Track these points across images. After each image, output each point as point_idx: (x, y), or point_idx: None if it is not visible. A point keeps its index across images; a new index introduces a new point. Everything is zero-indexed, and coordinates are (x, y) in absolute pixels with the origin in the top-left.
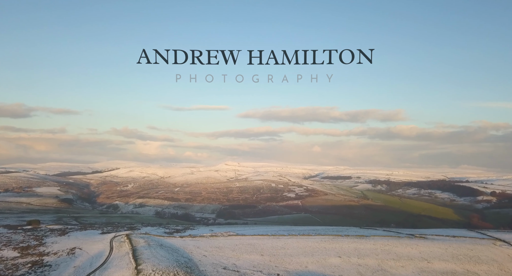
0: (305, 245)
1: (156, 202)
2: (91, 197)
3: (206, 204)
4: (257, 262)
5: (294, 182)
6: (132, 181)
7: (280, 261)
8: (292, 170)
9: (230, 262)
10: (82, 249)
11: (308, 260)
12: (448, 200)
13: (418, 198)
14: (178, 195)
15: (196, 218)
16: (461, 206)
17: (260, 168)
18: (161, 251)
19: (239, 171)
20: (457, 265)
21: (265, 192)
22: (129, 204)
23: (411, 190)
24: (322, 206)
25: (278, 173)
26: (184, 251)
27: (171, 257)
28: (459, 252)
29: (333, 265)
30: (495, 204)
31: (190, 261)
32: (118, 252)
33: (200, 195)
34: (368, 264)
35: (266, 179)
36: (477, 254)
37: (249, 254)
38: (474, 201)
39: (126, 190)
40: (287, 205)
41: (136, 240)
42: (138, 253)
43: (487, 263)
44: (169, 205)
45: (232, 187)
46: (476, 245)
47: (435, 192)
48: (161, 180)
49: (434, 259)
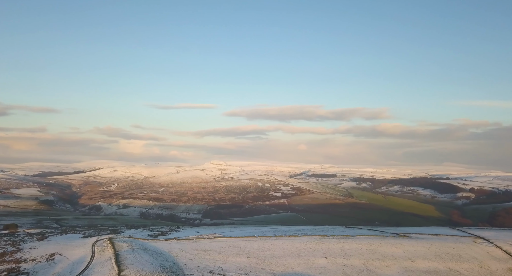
0: (291, 246)
1: (140, 202)
2: (73, 198)
3: (192, 204)
4: (244, 264)
5: (280, 180)
6: (116, 181)
7: (266, 263)
8: (279, 168)
9: (216, 266)
10: (62, 255)
11: (294, 262)
12: (430, 197)
13: (401, 195)
14: (163, 195)
15: (182, 219)
16: (442, 203)
17: (247, 167)
18: (145, 255)
19: (226, 170)
20: (440, 264)
21: (251, 191)
22: (113, 205)
23: (394, 187)
24: (308, 205)
25: (264, 171)
26: (169, 254)
27: (156, 262)
28: (442, 250)
29: (319, 266)
30: (473, 200)
31: (175, 265)
32: (100, 257)
33: (186, 195)
34: (354, 264)
35: (252, 178)
36: (458, 252)
37: (235, 256)
38: (454, 197)
39: (109, 190)
40: (274, 204)
41: (119, 244)
42: (121, 258)
43: (468, 261)
44: (154, 206)
45: (218, 187)
46: (457, 243)
47: (417, 189)
48: (146, 179)
49: (418, 258)
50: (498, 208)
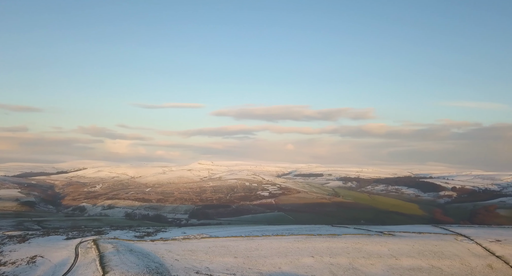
0: (278, 245)
1: (126, 203)
2: (55, 199)
3: (178, 205)
4: (231, 264)
5: (268, 180)
6: (101, 181)
7: (253, 263)
8: (266, 168)
9: (203, 266)
10: (44, 257)
11: (281, 261)
12: (414, 195)
13: (386, 194)
14: (149, 196)
15: (168, 219)
16: (426, 201)
17: (234, 167)
18: (131, 256)
19: (213, 170)
20: (423, 261)
21: (239, 191)
22: (97, 205)
23: (380, 187)
24: (295, 204)
25: (252, 171)
26: (155, 255)
27: (141, 263)
28: (425, 248)
29: (306, 265)
30: (455, 199)
31: (161, 266)
32: (84, 259)
33: (173, 195)
34: (340, 263)
35: (240, 177)
36: (441, 249)
37: (222, 256)
38: (437, 196)
39: (94, 191)
40: (261, 203)
41: (104, 245)
42: (105, 260)
43: (450, 258)
44: (140, 206)
45: (206, 187)
46: (440, 241)
47: (401, 188)
48: (132, 180)
49: (402, 255)
50: (478, 206)
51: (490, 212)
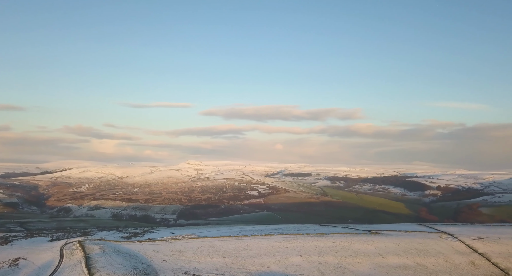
0: (267, 245)
1: (113, 203)
2: (39, 200)
3: (166, 205)
4: (219, 264)
5: (257, 180)
6: (87, 181)
7: (242, 262)
8: (255, 167)
9: (191, 266)
10: (27, 260)
11: (270, 261)
12: (400, 194)
13: (373, 193)
14: (137, 196)
15: (156, 220)
16: (411, 200)
17: (223, 167)
18: (118, 257)
19: (202, 170)
20: (409, 259)
21: (228, 191)
22: (83, 206)
23: (367, 186)
24: (284, 204)
25: (241, 171)
26: (142, 256)
27: (128, 264)
28: (411, 246)
29: (294, 264)
30: (440, 198)
31: (149, 267)
32: (69, 261)
33: (161, 196)
34: (328, 261)
35: (229, 177)
36: (426, 247)
37: (211, 256)
38: (422, 195)
39: (79, 191)
40: (250, 203)
41: (90, 246)
42: (91, 262)
43: (435, 255)
44: (127, 207)
45: (194, 187)
46: (425, 239)
47: (388, 187)
48: (119, 180)
49: (388, 254)
50: (462, 205)
51: (473, 210)
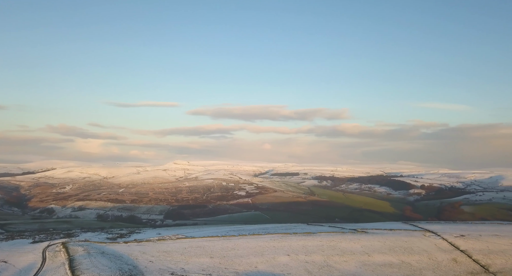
0: (255, 245)
1: (98, 204)
2: (21, 201)
3: (153, 205)
4: (207, 265)
5: (245, 180)
6: (71, 182)
7: (230, 262)
8: (244, 167)
9: (178, 267)
10: (7, 262)
11: (257, 260)
12: (385, 193)
13: (360, 193)
14: (123, 196)
15: (143, 220)
16: (396, 199)
17: (211, 167)
18: (103, 259)
19: (189, 170)
20: (394, 257)
21: (215, 191)
22: (67, 207)
23: (353, 185)
24: (271, 203)
25: (229, 171)
26: (128, 257)
27: (114, 266)
28: (396, 244)
29: (282, 263)
30: (424, 196)
31: (135, 268)
32: (52, 263)
33: (147, 196)
34: (315, 260)
35: (217, 177)
36: (410, 245)
37: (198, 257)
38: (407, 194)
39: (63, 192)
40: (238, 203)
41: (74, 248)
42: (75, 264)
43: (419, 253)
44: (113, 207)
45: (182, 187)
46: (409, 237)
47: (374, 187)
48: (104, 180)
49: (374, 252)
50: (444, 203)
51: (455, 209)
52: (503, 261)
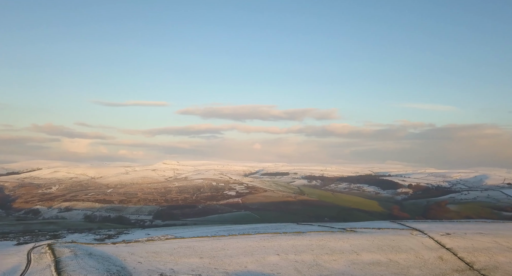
0: (245, 244)
1: (85, 204)
2: (5, 202)
3: (142, 205)
4: (196, 265)
5: (235, 179)
6: (57, 182)
7: (219, 262)
8: (234, 167)
9: (167, 268)
10: None
11: (247, 260)
12: (374, 193)
13: (349, 192)
14: (111, 197)
15: (131, 221)
16: (384, 198)
17: (201, 166)
18: (90, 260)
19: (179, 170)
20: (382, 255)
21: (205, 191)
22: (53, 208)
23: (342, 185)
24: (261, 203)
25: (219, 171)
26: (117, 258)
27: (102, 267)
28: (383, 243)
29: (271, 263)
30: (411, 196)
31: (123, 269)
32: (37, 265)
33: (136, 196)
34: (305, 260)
35: (206, 177)
36: (398, 244)
37: (188, 257)
38: (395, 193)
39: (49, 192)
40: (228, 203)
41: (60, 250)
42: (62, 265)
43: (406, 251)
44: (101, 208)
45: (171, 187)
46: (397, 235)
47: (363, 186)
48: (92, 180)
49: (362, 251)
50: (431, 202)
51: (441, 207)
52: (487, 258)
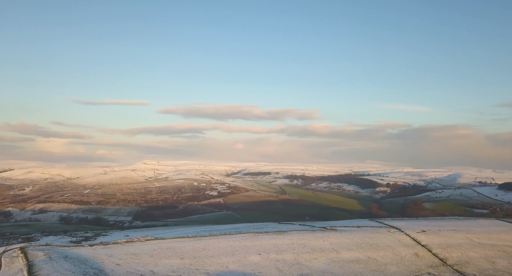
0: (226, 244)
1: (61, 206)
2: None
3: (121, 206)
4: (177, 266)
5: (217, 179)
6: (31, 183)
7: (200, 263)
8: (216, 167)
9: (147, 269)
10: None
11: (229, 260)
12: (353, 192)
13: (329, 191)
14: (88, 198)
15: (110, 222)
16: (364, 197)
17: (182, 166)
18: (66, 263)
19: (159, 170)
20: (361, 253)
21: (186, 191)
22: (26, 210)
23: (323, 184)
24: (243, 203)
25: (201, 171)
26: (94, 261)
27: (78, 270)
28: (362, 241)
29: (253, 263)
30: (389, 194)
31: (100, 272)
32: (8, 270)
33: (115, 197)
34: (286, 259)
35: (188, 177)
36: (376, 241)
37: (168, 258)
38: (373, 192)
39: (22, 194)
40: (209, 203)
41: (34, 253)
42: (35, 269)
43: (384, 249)
44: (78, 209)
45: (151, 187)
46: (375, 233)
47: (343, 185)
48: (68, 181)
49: (342, 249)
50: (408, 200)
51: (417, 205)
52: (459, 254)
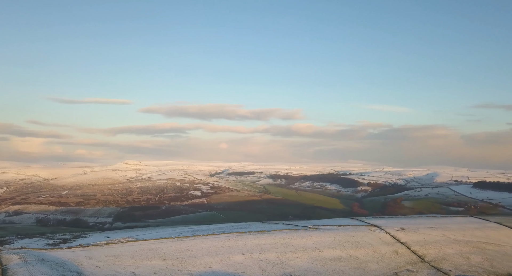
0: (209, 245)
1: (37, 208)
2: None
3: (101, 207)
4: (159, 267)
5: (200, 180)
6: (5, 184)
7: (183, 264)
8: (199, 167)
9: (128, 271)
10: None
11: (212, 260)
12: (336, 191)
13: (312, 190)
14: (67, 199)
15: (90, 224)
16: (346, 196)
17: (165, 167)
18: (42, 267)
19: (141, 170)
20: (342, 251)
21: (169, 191)
22: (0, 212)
23: (306, 183)
24: (227, 203)
25: (183, 171)
26: (72, 263)
27: (55, 273)
28: (344, 239)
29: (236, 262)
30: (370, 193)
31: (79, 275)
32: None
33: (95, 198)
34: (269, 258)
35: (170, 178)
36: (357, 240)
37: (150, 260)
38: (355, 191)
39: None
40: (193, 203)
41: (8, 256)
42: (9, 273)
43: (365, 247)
44: (55, 211)
45: (133, 188)
46: (357, 232)
47: (325, 184)
48: (45, 182)
49: (324, 247)
50: (388, 199)
51: (397, 204)
52: (436, 251)
